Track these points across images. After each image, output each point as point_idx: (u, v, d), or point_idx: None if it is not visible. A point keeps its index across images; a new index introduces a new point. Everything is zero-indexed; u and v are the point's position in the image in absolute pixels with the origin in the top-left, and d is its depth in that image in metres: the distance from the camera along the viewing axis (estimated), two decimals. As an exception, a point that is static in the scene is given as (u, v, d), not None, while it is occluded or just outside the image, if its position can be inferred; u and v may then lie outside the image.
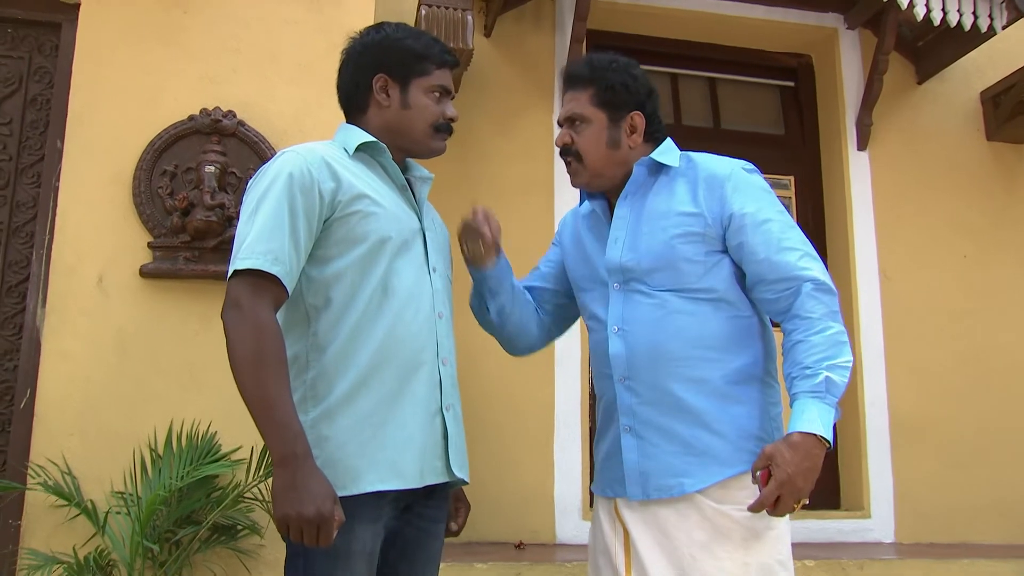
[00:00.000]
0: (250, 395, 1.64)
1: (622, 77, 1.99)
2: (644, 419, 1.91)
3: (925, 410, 4.54)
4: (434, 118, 1.93)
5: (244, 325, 1.66)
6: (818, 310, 1.82)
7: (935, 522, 4.42)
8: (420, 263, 1.89)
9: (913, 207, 4.77)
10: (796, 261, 1.87)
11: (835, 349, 1.79)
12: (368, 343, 1.77)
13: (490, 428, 4.17)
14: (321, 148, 1.86)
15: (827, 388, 1.76)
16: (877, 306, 4.62)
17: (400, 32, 1.96)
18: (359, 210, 1.80)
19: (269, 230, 1.71)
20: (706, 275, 1.92)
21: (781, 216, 1.93)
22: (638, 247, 1.95)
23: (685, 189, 1.96)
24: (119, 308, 3.11)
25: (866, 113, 4.72)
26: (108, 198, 3.16)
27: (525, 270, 4.28)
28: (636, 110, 1.99)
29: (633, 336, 1.93)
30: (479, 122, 4.41)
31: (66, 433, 3.01)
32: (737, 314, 1.93)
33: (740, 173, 1.96)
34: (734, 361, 1.90)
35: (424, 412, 1.83)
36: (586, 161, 1.99)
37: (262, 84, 3.33)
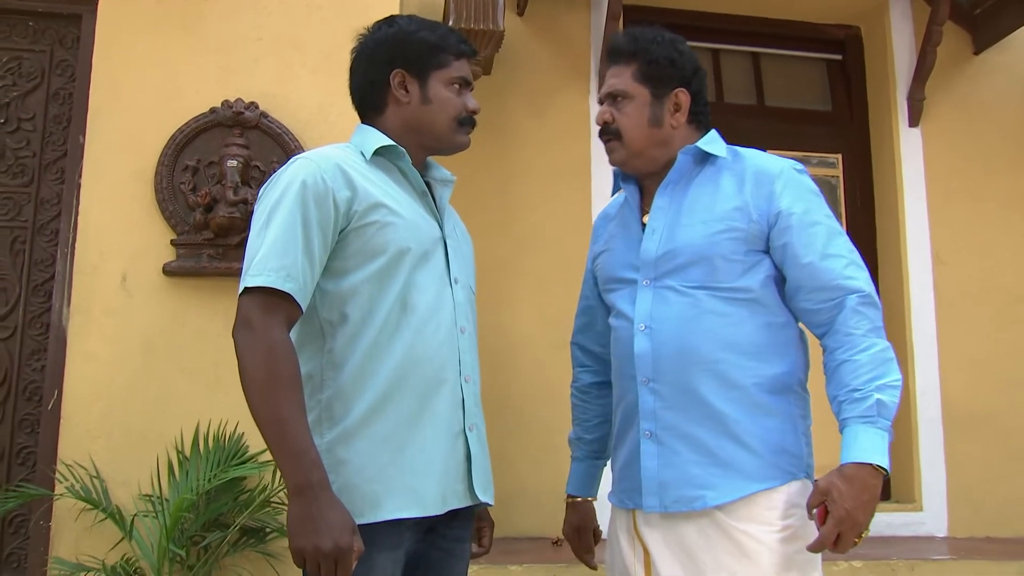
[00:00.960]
0: (263, 420, 1.56)
1: (667, 51, 1.88)
2: (667, 424, 1.80)
3: (979, 399, 4.37)
4: (457, 111, 1.84)
5: (256, 346, 1.58)
6: (862, 325, 1.71)
7: (990, 515, 4.26)
8: (441, 274, 1.80)
9: (968, 186, 4.55)
10: (842, 269, 1.75)
11: (883, 368, 1.68)
12: (387, 361, 1.69)
13: (528, 419, 4.09)
14: (335, 154, 1.77)
15: (879, 412, 1.64)
16: (930, 291, 4.44)
17: (414, 24, 1.86)
18: (376, 220, 1.71)
19: (281, 244, 1.62)
20: (744, 275, 1.80)
21: (829, 221, 1.82)
22: (676, 239, 1.84)
23: (731, 182, 1.85)
24: (143, 308, 3.06)
25: (918, 87, 4.51)
26: (130, 195, 3.11)
27: (562, 259, 4.26)
28: (681, 87, 1.88)
29: (661, 335, 1.81)
30: (512, 104, 4.29)
31: (92, 436, 2.99)
32: (773, 320, 1.82)
33: (791, 172, 1.85)
34: (769, 369, 1.79)
35: (446, 433, 1.74)
36: (626, 139, 1.88)
37: (285, 74, 3.24)
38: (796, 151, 4.75)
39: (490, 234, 4.18)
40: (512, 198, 4.26)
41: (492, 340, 4.09)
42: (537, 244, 4.25)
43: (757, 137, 4.68)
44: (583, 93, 4.32)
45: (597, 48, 4.30)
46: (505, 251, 4.22)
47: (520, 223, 4.25)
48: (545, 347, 4.17)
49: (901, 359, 4.42)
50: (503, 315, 4.16)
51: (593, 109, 4.28)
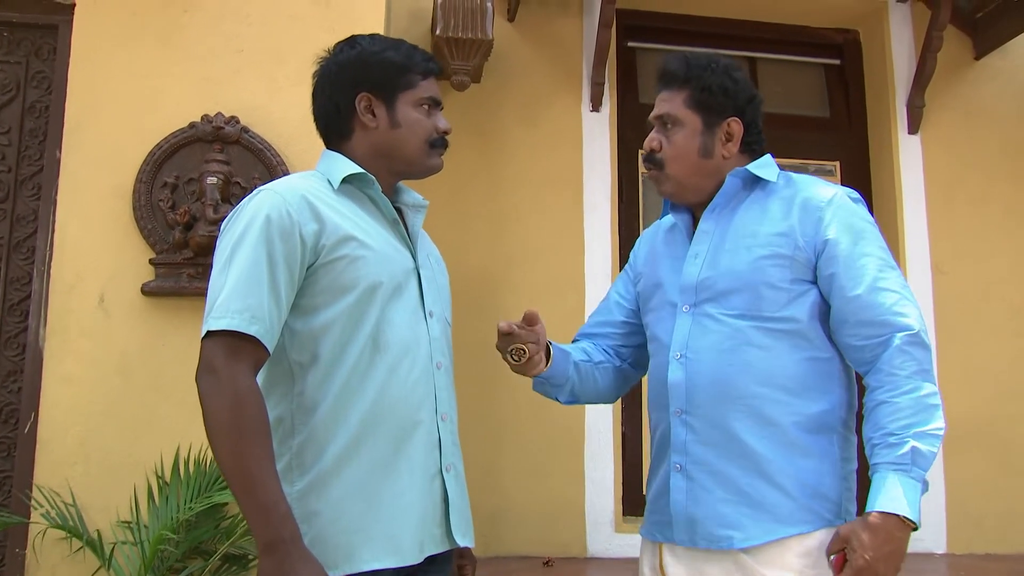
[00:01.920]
0: (230, 472, 1.50)
1: (721, 79, 1.82)
2: (697, 459, 1.74)
3: (980, 412, 4.31)
4: (427, 133, 1.78)
5: (220, 394, 1.52)
6: (908, 367, 1.62)
7: (990, 532, 4.21)
8: (415, 308, 1.74)
9: (968, 195, 4.50)
10: (891, 305, 1.66)
11: (925, 414, 1.59)
12: (359, 404, 1.63)
13: (517, 436, 4.05)
14: (301, 184, 1.69)
15: (913, 460, 1.56)
16: (929, 301, 4.38)
17: (377, 44, 1.80)
18: (346, 254, 1.64)
19: (245, 283, 1.55)
20: (788, 305, 1.73)
21: (882, 253, 1.73)
22: (718, 264, 1.78)
23: (779, 208, 1.79)
24: (121, 329, 3.01)
25: (918, 93, 4.45)
26: (108, 212, 3.05)
27: (554, 272, 4.21)
28: (734, 116, 1.82)
29: (697, 365, 1.76)
30: (502, 112, 4.23)
31: (69, 461, 2.93)
32: (816, 354, 1.74)
33: (843, 199, 1.78)
34: (809, 407, 1.72)
35: (422, 476, 1.68)
36: (671, 168, 1.83)
37: (267, 86, 3.17)
38: (793, 158, 4.70)
39: (479, 246, 4.13)
40: (502, 209, 4.20)
41: (481, 356, 4.03)
42: (528, 257, 4.19)
43: (753, 144, 4.63)
44: (575, 100, 4.26)
45: (589, 55, 4.24)
46: (495, 264, 4.16)
47: (511, 235, 4.19)
48: (534, 362, 4.11)
49: (900, 371, 4.40)
50: (492, 329, 4.07)
51: (586, 117, 4.24)
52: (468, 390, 3.63)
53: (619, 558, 3.95)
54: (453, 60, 3.59)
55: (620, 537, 4.01)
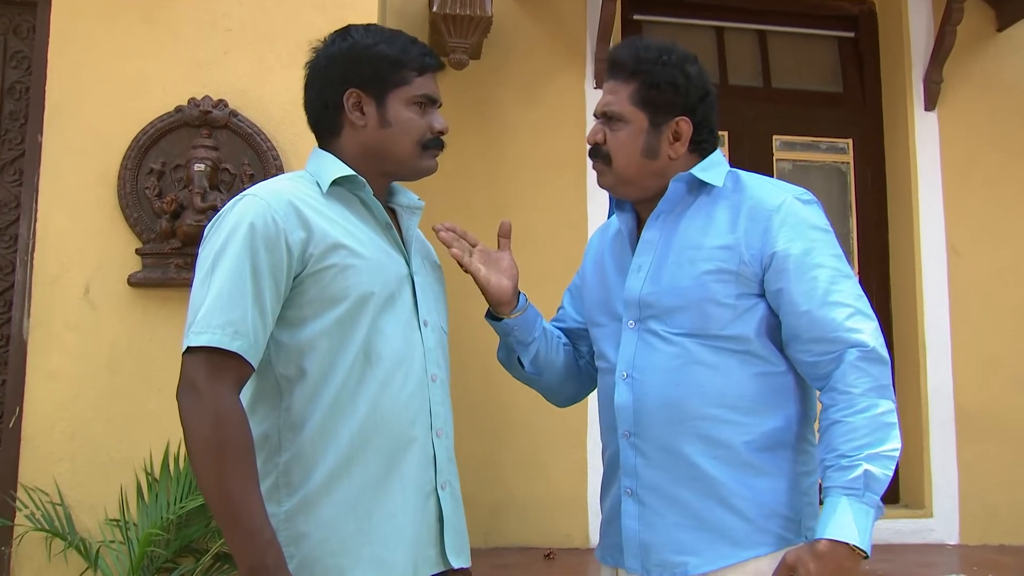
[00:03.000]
0: (211, 495, 1.47)
1: (672, 74, 1.73)
2: (648, 483, 1.70)
3: (995, 399, 4.28)
4: (420, 134, 1.70)
5: (202, 413, 1.47)
6: (861, 383, 1.57)
7: (1004, 522, 4.19)
8: (408, 318, 1.68)
9: (986, 174, 4.43)
10: (843, 320, 1.61)
11: (879, 434, 1.55)
12: (349, 420, 1.58)
13: (518, 426, 4.02)
14: (288, 188, 1.63)
15: (866, 484, 1.52)
16: (944, 285, 4.34)
17: (370, 37, 1.71)
18: (335, 264, 1.58)
19: (228, 296, 1.50)
20: (735, 321, 1.67)
21: (835, 263, 1.67)
22: (661, 279, 1.72)
23: (726, 216, 1.71)
24: (108, 321, 2.97)
25: (936, 68, 4.36)
26: (92, 200, 3.00)
27: (556, 258, 4.12)
28: (683, 115, 1.73)
29: (643, 386, 1.70)
30: (502, 91, 4.16)
31: (55, 458, 2.90)
32: (768, 369, 1.69)
33: (792, 204, 1.70)
34: (761, 424, 1.67)
35: (415, 496, 1.64)
36: (616, 166, 1.75)
37: (257, 67, 3.11)
38: (804, 136, 4.63)
39: (478, 231, 3.94)
40: (502, 192, 4.15)
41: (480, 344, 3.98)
42: (529, 241, 4.09)
43: (763, 121, 4.56)
44: (579, 78, 4.19)
45: (593, 29, 4.15)
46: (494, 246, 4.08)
47: (511, 215, 3.96)
48: (537, 350, 4.07)
49: (912, 356, 4.37)
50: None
51: (590, 95, 4.16)
52: (468, 381, 3.61)
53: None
54: (450, 38, 3.51)
55: (624, 527, 3.99)
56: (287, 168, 3.03)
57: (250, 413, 1.60)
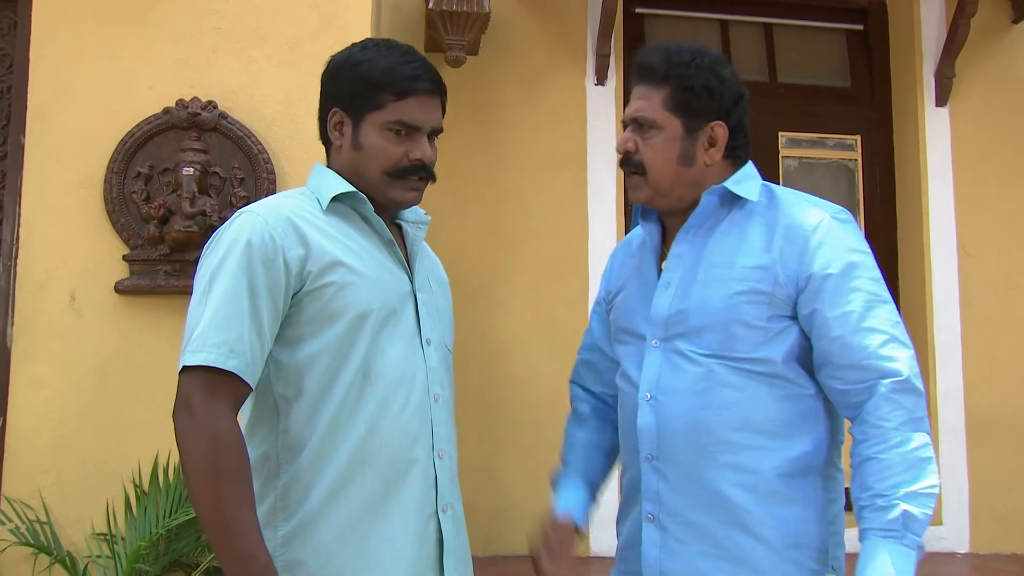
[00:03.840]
0: (206, 518, 1.47)
1: (706, 78, 1.68)
2: (671, 509, 1.67)
3: (1006, 404, 4.26)
4: (390, 163, 1.66)
5: (196, 434, 1.47)
6: (895, 417, 1.54)
7: (1016, 530, 4.17)
8: (410, 337, 1.67)
9: (999, 172, 4.40)
10: (877, 347, 1.57)
11: (915, 471, 1.51)
12: (347, 441, 1.57)
13: (519, 429, 4.01)
14: (287, 204, 1.63)
15: (905, 525, 1.48)
16: (954, 286, 4.31)
17: (364, 53, 1.68)
18: (333, 281, 1.58)
19: (224, 314, 1.50)
20: (765, 344, 1.64)
21: (872, 286, 1.63)
22: (690, 297, 1.68)
23: (760, 233, 1.68)
24: (94, 329, 2.95)
25: (948, 62, 4.33)
26: (77, 204, 2.97)
27: (556, 256, 4.13)
28: (718, 119, 1.69)
29: (668, 408, 1.67)
30: (501, 87, 4.14)
31: (41, 470, 2.89)
32: (797, 392, 1.66)
33: (831, 224, 1.65)
34: (790, 449, 1.64)
35: (415, 519, 1.63)
36: (651, 176, 1.71)
37: (247, 67, 3.08)
38: (811, 132, 4.60)
39: (477, 229, 4.06)
40: (502, 189, 4.12)
41: (480, 345, 3.99)
42: (529, 239, 4.11)
43: (768, 118, 4.52)
44: (580, 74, 4.16)
45: (594, 24, 4.12)
46: (494, 248, 4.09)
47: (510, 217, 4.11)
48: (539, 351, 4.06)
49: (922, 360, 4.34)
50: (492, 317, 4.04)
51: (591, 91, 4.13)
52: (467, 385, 3.59)
53: (624, 557, 3.92)
54: (447, 35, 3.47)
55: (625, 535, 3.98)
56: (279, 171, 3.01)
57: (250, 435, 1.61)
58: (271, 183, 2.98)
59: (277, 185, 3.00)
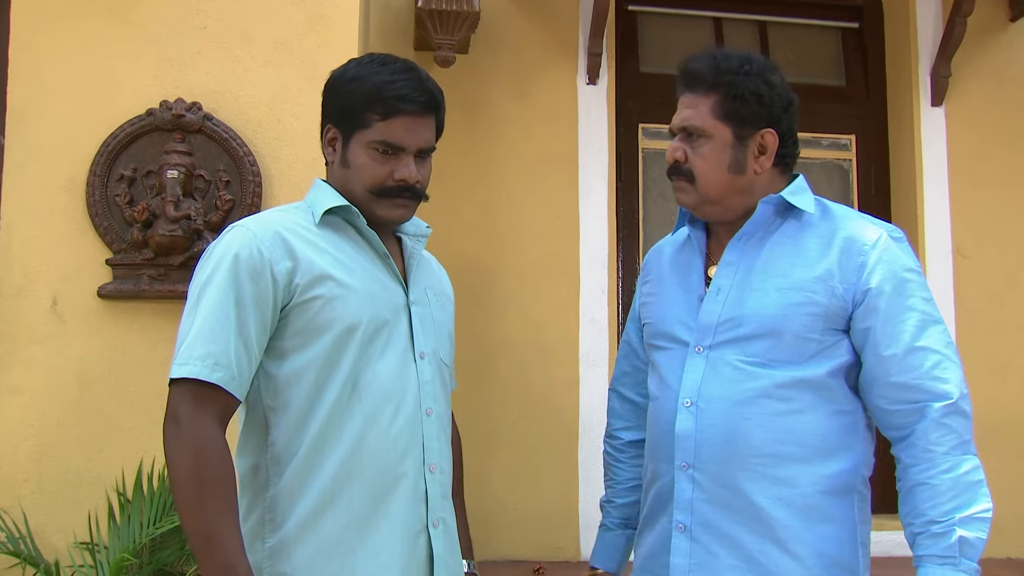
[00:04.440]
0: (189, 528, 1.51)
1: (755, 84, 1.71)
2: (705, 520, 1.68)
3: (1002, 408, 4.26)
4: (374, 181, 1.70)
5: (182, 445, 1.53)
6: (946, 441, 1.56)
7: (1012, 535, 4.17)
8: (403, 350, 1.70)
9: (996, 173, 4.39)
10: (930, 368, 1.59)
11: (968, 495, 1.54)
12: (333, 454, 1.61)
13: (508, 433, 4.01)
14: (278, 219, 1.69)
15: (961, 551, 1.51)
16: (949, 289, 4.30)
17: (357, 71, 1.73)
18: (321, 295, 1.62)
19: (211, 327, 1.56)
20: (815, 356, 1.66)
21: (926, 306, 1.65)
22: (743, 304, 1.70)
23: (816, 245, 1.70)
24: (77, 335, 2.93)
25: (944, 61, 4.32)
26: (59, 207, 2.96)
27: (547, 258, 4.12)
28: (769, 127, 1.72)
29: (709, 416, 1.67)
30: (491, 85, 4.12)
31: (21, 478, 2.87)
32: (841, 408, 1.68)
33: (889, 242, 1.68)
34: (832, 466, 1.65)
35: (403, 534, 1.65)
36: (700, 184, 1.73)
37: (232, 67, 3.06)
38: (804, 132, 4.52)
39: (468, 230, 4.05)
40: (492, 189, 4.11)
41: (469, 346, 3.97)
42: (520, 240, 4.11)
43: (763, 117, 4.51)
44: (571, 72, 4.14)
45: (586, 22, 4.10)
46: (484, 248, 4.08)
47: (500, 218, 4.10)
48: (529, 354, 4.06)
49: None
50: (481, 319, 4.03)
51: (583, 90, 4.12)
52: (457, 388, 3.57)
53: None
54: (436, 34, 3.46)
55: (617, 540, 3.98)
56: (265, 173, 3.00)
57: (242, 446, 1.67)
58: (257, 186, 2.96)
59: (263, 188, 2.98)
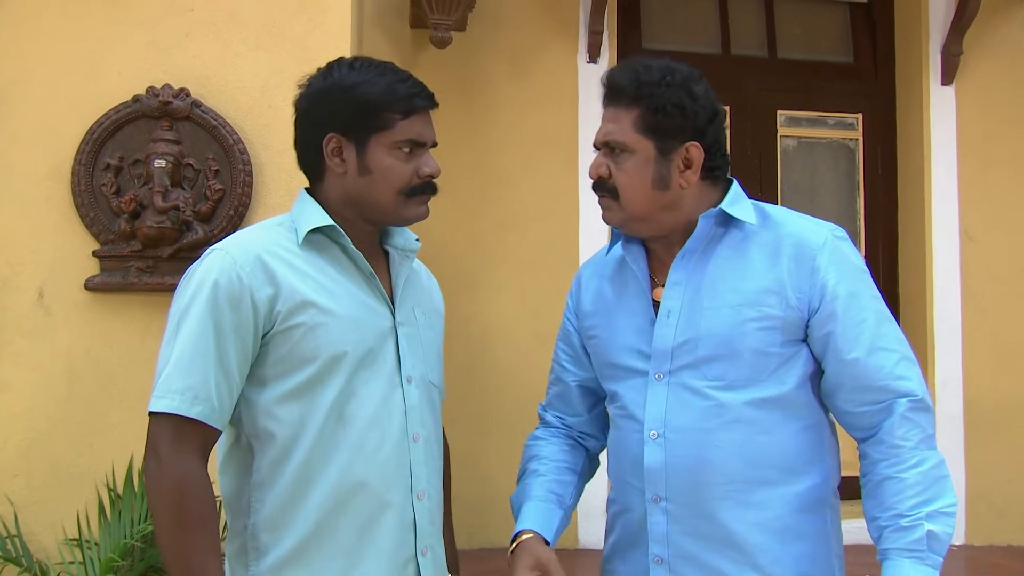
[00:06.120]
0: (171, 563, 1.49)
1: (678, 96, 1.65)
2: (683, 552, 1.65)
3: (1006, 393, 4.27)
4: (403, 182, 1.64)
5: (162, 480, 1.50)
6: (912, 436, 1.55)
7: (1013, 521, 4.20)
8: (389, 375, 1.65)
9: (1006, 154, 4.36)
10: (892, 367, 1.59)
11: (935, 489, 1.54)
12: (320, 487, 1.57)
13: (505, 417, 3.99)
14: (259, 240, 1.62)
15: (928, 545, 1.50)
16: (956, 271, 4.30)
17: (353, 75, 1.65)
18: (302, 322, 1.57)
19: (189, 358, 1.51)
20: (778, 371, 1.63)
21: (877, 304, 1.65)
22: (697, 325, 1.65)
23: (762, 255, 1.66)
24: (64, 328, 2.90)
25: (955, 39, 4.26)
26: (43, 197, 2.91)
27: (547, 241, 4.08)
28: (693, 140, 1.66)
29: (677, 447, 1.64)
30: (489, 64, 4.07)
31: (10, 474, 2.86)
32: (807, 423, 1.66)
33: (834, 243, 1.66)
34: (802, 482, 1.64)
35: (390, 564, 1.62)
36: (624, 201, 1.68)
37: (221, 51, 3.00)
38: (811, 111, 4.55)
39: (465, 212, 4.02)
40: (490, 171, 4.07)
41: (466, 331, 3.96)
42: (518, 223, 4.08)
43: (767, 95, 4.47)
44: (571, 51, 4.09)
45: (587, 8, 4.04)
46: (482, 231, 4.05)
47: (499, 199, 4.08)
48: (526, 338, 4.04)
49: (920, 347, 4.34)
50: (479, 303, 4.02)
51: (583, 69, 4.07)
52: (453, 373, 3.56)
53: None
54: (433, 14, 3.40)
55: (615, 527, 3.99)
56: (255, 161, 2.95)
57: (224, 466, 1.63)
58: (247, 174, 2.92)
59: (254, 176, 2.94)
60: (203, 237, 2.85)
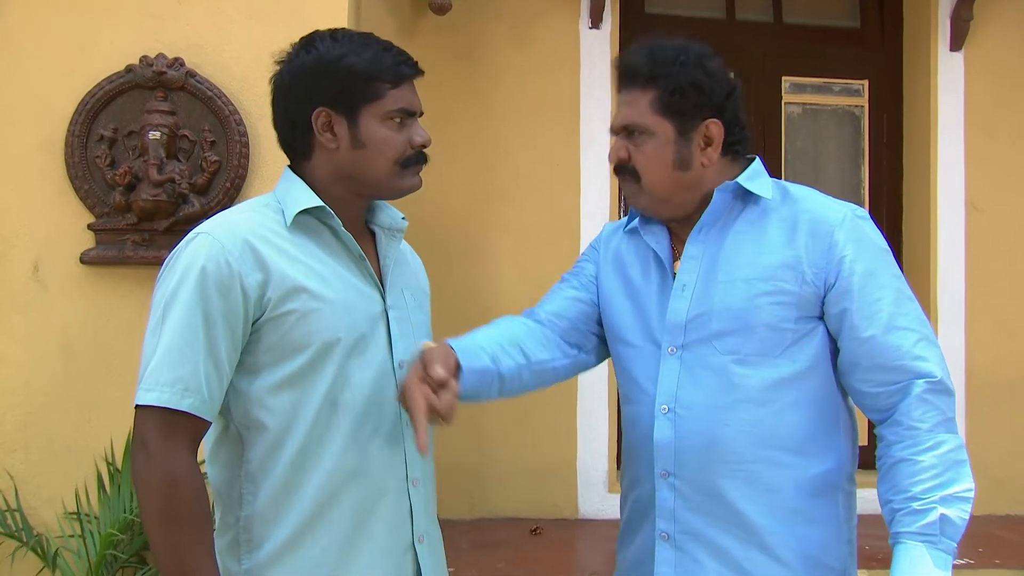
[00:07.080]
0: (162, 558, 1.47)
1: (693, 75, 1.65)
2: (688, 528, 1.67)
3: (1009, 366, 4.26)
4: (397, 152, 1.63)
5: (151, 475, 1.47)
6: (929, 418, 1.54)
7: (1013, 492, 4.22)
8: (381, 361, 1.64)
9: (1015, 124, 4.31)
10: (911, 347, 1.58)
11: (951, 473, 1.52)
12: (314, 476, 1.56)
13: (505, 390, 3.99)
14: (246, 223, 1.58)
15: (941, 529, 1.49)
16: (960, 243, 4.27)
17: (337, 48, 1.61)
18: (294, 309, 1.54)
19: (177, 348, 1.48)
20: (792, 347, 1.63)
21: (897, 283, 1.64)
22: (711, 299, 1.66)
23: (780, 231, 1.66)
24: (60, 302, 2.90)
25: (965, 5, 4.19)
26: (37, 170, 2.90)
27: (547, 211, 4.07)
28: (712, 117, 1.66)
29: (688, 423, 1.65)
30: (489, 30, 4.02)
31: (8, 449, 2.87)
32: (822, 404, 1.66)
33: (854, 220, 1.66)
34: (814, 466, 1.64)
35: (387, 554, 1.62)
36: (647, 183, 1.67)
37: (216, 18, 2.97)
38: (816, 76, 4.51)
39: (464, 182, 4.00)
40: (490, 140, 4.04)
41: (465, 301, 3.95)
42: (518, 192, 4.05)
43: (772, 60, 4.42)
44: (573, 17, 4.03)
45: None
46: (482, 200, 4.03)
47: (499, 168, 4.04)
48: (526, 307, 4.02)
49: (924, 318, 4.33)
50: (479, 273, 4.01)
51: (585, 36, 4.03)
52: (451, 344, 3.57)
53: (612, 519, 3.93)
54: (432, -20, 3.35)
55: (613, 497, 3.98)
56: (251, 132, 2.93)
57: (212, 459, 1.61)
58: (244, 146, 2.89)
59: (250, 148, 2.91)
60: (199, 210, 2.83)
